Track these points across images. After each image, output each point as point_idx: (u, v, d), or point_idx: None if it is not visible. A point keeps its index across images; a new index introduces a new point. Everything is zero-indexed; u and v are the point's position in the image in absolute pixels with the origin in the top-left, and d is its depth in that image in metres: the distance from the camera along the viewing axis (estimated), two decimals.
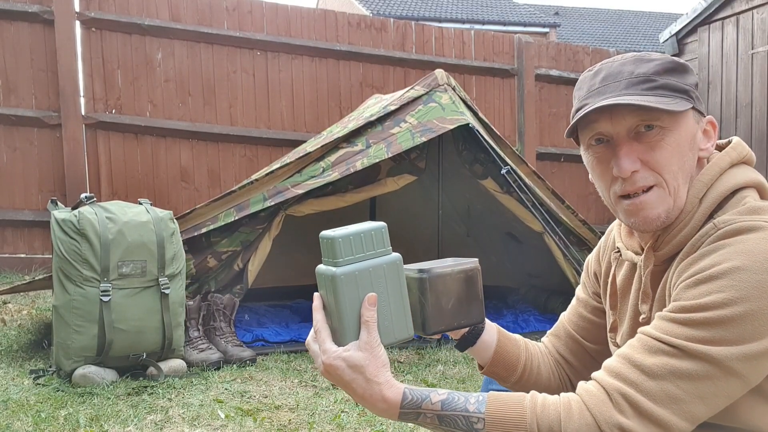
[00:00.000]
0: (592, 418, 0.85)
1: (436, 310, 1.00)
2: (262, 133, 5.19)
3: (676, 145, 0.93)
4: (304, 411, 2.30)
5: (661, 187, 0.94)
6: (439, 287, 1.00)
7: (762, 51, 6.19)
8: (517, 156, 3.50)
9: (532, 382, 1.17)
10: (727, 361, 0.82)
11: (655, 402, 0.83)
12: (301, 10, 5.38)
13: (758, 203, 0.92)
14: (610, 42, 22.31)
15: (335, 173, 3.09)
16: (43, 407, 2.21)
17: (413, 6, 19.82)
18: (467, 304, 1.04)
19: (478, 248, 4.38)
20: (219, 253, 3.07)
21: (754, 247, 0.85)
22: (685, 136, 0.94)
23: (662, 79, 0.94)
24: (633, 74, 0.95)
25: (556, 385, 1.20)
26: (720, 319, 0.83)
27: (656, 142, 0.93)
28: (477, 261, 1.05)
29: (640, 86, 0.93)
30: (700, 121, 0.98)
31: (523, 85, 6.14)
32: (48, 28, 4.47)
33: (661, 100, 0.92)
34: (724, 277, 0.84)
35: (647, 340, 0.87)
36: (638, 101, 0.91)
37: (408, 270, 1.02)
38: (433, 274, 0.99)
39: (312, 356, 0.96)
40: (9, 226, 4.49)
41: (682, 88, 0.94)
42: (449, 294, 1.01)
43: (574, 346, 1.22)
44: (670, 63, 0.96)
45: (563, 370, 1.22)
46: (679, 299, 0.88)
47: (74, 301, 2.47)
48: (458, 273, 1.02)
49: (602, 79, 0.97)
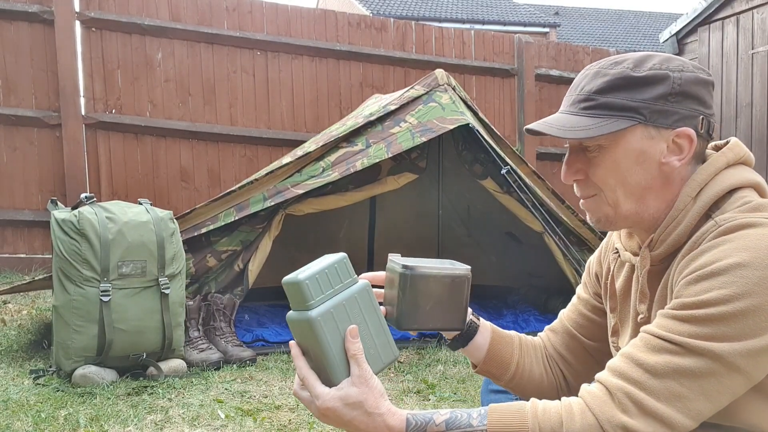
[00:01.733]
0: (594, 418, 0.85)
1: (412, 309, 1.00)
2: (262, 133, 5.19)
3: (613, 162, 0.97)
4: (304, 411, 2.30)
5: (599, 197, 1.01)
6: (419, 287, 0.99)
7: (762, 51, 6.19)
8: (517, 156, 3.50)
9: (526, 379, 1.19)
10: (730, 357, 0.82)
11: (659, 400, 0.83)
12: (301, 10, 5.38)
13: (759, 201, 0.92)
14: (610, 42, 22.30)
15: (335, 173, 3.09)
16: (43, 407, 2.21)
17: (413, 6, 19.82)
18: (447, 310, 1.02)
19: (478, 248, 4.38)
20: (219, 252, 3.07)
21: (756, 243, 0.85)
22: (625, 153, 0.96)
23: (603, 98, 0.96)
24: (581, 90, 0.99)
25: (548, 382, 1.21)
26: (722, 316, 0.83)
27: (593, 158, 0.99)
28: (469, 270, 1.03)
29: (580, 104, 0.98)
30: (660, 134, 0.95)
31: (523, 85, 6.14)
32: (48, 28, 4.47)
33: (586, 122, 0.96)
34: (726, 273, 0.84)
35: (650, 338, 0.88)
36: (551, 128, 0.98)
37: (394, 263, 1.02)
38: (416, 272, 0.99)
39: (305, 404, 0.94)
40: (9, 226, 4.49)
41: (625, 106, 0.95)
42: (429, 296, 1.00)
43: (572, 343, 1.22)
44: (621, 80, 0.95)
45: (557, 366, 1.23)
46: (680, 296, 0.88)
47: (74, 301, 2.47)
48: (444, 277, 1.01)
49: (570, 88, 1.03)
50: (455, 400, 2.48)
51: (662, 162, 0.96)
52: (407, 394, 2.53)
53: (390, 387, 2.61)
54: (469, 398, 2.50)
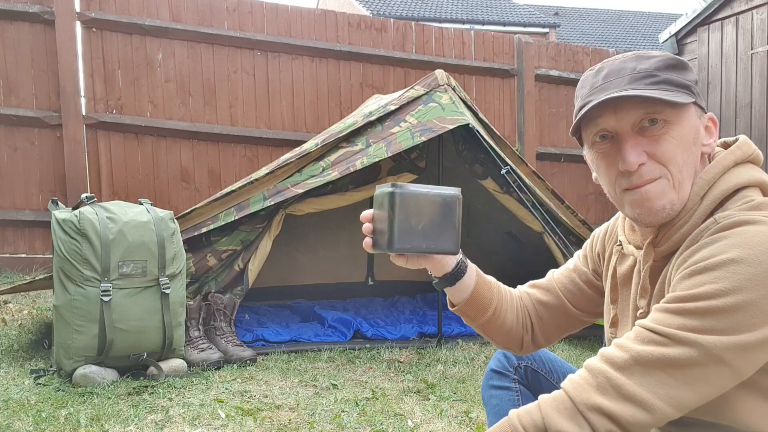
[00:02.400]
0: (569, 400, 0.87)
1: (404, 228, 0.97)
2: (262, 133, 5.19)
3: (680, 138, 0.95)
4: (305, 411, 2.30)
5: (666, 179, 0.95)
6: (410, 205, 0.97)
7: (761, 51, 6.19)
8: (517, 156, 3.51)
9: (498, 325, 1.23)
10: (716, 350, 0.83)
11: (640, 385, 0.84)
12: (301, 11, 5.38)
13: (761, 199, 0.93)
14: (610, 42, 22.30)
15: (335, 172, 3.09)
16: (44, 407, 2.21)
17: (413, 6, 19.82)
18: (440, 229, 1.00)
19: (478, 248, 4.38)
20: (219, 251, 3.08)
21: (752, 239, 0.85)
22: (688, 130, 0.96)
23: (664, 75, 0.95)
24: (636, 70, 0.96)
25: (515, 332, 1.26)
26: (711, 309, 0.83)
27: (661, 135, 0.95)
28: (459, 191, 1.01)
29: (643, 81, 0.95)
30: (702, 117, 0.99)
31: (523, 85, 6.14)
32: (48, 28, 4.47)
33: (665, 93, 0.93)
34: (719, 268, 0.85)
35: (641, 330, 0.89)
36: (644, 93, 0.93)
37: (382, 187, 1.01)
38: (405, 190, 0.97)
39: None
40: (10, 226, 4.49)
41: (684, 83, 0.96)
42: (421, 215, 0.98)
43: (555, 303, 1.26)
44: (671, 60, 0.97)
45: (529, 318, 1.27)
46: (674, 290, 0.89)
47: (75, 301, 2.47)
48: (434, 196, 0.98)
49: (605, 76, 0.98)
50: (455, 400, 2.48)
51: (704, 144, 0.98)
52: (407, 394, 2.53)
53: (390, 387, 2.62)
54: (469, 398, 2.50)
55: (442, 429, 2.18)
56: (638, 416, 0.84)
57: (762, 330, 0.82)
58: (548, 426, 0.86)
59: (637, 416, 0.84)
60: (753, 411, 0.90)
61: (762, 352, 0.84)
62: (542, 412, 0.87)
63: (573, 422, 0.85)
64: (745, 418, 0.91)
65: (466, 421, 2.26)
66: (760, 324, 0.82)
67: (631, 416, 0.84)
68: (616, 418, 0.84)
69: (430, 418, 2.27)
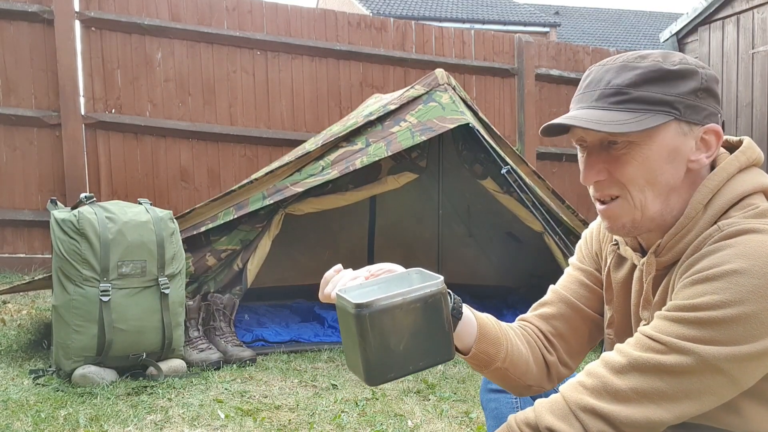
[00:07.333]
0: (563, 400, 0.88)
1: (382, 355, 0.78)
2: (261, 133, 5.18)
3: (643, 160, 0.92)
4: (304, 411, 2.30)
5: (625, 199, 0.94)
6: (384, 326, 0.77)
7: (762, 50, 6.18)
8: (518, 156, 3.50)
9: (517, 356, 1.09)
10: (714, 360, 0.82)
11: (636, 390, 0.85)
12: (301, 10, 5.38)
13: (765, 206, 0.91)
14: (611, 42, 22.29)
15: (335, 171, 3.09)
16: (43, 407, 2.21)
17: (413, 6, 19.81)
18: (427, 340, 0.80)
19: (478, 248, 4.38)
20: (218, 251, 3.07)
21: (755, 250, 0.84)
22: (659, 149, 0.92)
23: (637, 92, 0.91)
24: (609, 84, 0.93)
25: (536, 357, 1.13)
26: (711, 320, 0.83)
27: (621, 156, 0.93)
28: (442, 281, 0.82)
29: (609, 99, 0.92)
30: (692, 130, 0.93)
31: (524, 85, 6.13)
32: (48, 27, 4.46)
33: (619, 117, 0.90)
34: (721, 278, 0.84)
35: (641, 337, 0.89)
36: (582, 124, 0.90)
37: (344, 301, 0.80)
38: (375, 308, 0.76)
39: None
40: (9, 226, 4.49)
41: (662, 99, 0.90)
42: (400, 332, 0.78)
43: (569, 311, 1.17)
44: (656, 72, 0.91)
45: (544, 338, 1.16)
46: (676, 298, 0.89)
47: (74, 301, 2.47)
48: (412, 302, 0.78)
49: (587, 84, 0.97)
50: (455, 400, 2.47)
51: (691, 160, 0.93)
52: (407, 394, 2.52)
53: (390, 387, 2.61)
54: (469, 398, 2.50)
55: (442, 429, 2.17)
56: (633, 418, 0.84)
57: (762, 341, 0.82)
58: (539, 423, 0.87)
59: (632, 418, 0.84)
60: (757, 417, 0.90)
61: (762, 363, 0.84)
62: (536, 412, 0.89)
63: (565, 422, 0.86)
64: (748, 424, 0.90)
65: (466, 421, 2.25)
66: (760, 336, 0.82)
67: (625, 418, 0.84)
68: (611, 420, 0.84)
69: (430, 419, 2.26)
